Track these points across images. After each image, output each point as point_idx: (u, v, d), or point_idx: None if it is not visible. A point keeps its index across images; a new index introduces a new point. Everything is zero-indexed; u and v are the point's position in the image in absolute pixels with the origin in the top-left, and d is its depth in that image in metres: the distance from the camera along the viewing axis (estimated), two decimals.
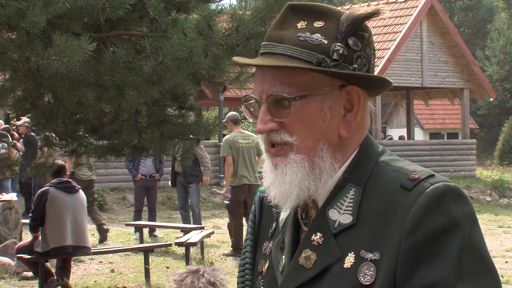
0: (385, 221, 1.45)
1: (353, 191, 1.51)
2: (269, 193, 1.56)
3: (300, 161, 1.51)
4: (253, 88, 1.57)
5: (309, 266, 1.50)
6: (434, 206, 1.42)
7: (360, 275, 1.44)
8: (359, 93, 1.54)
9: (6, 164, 6.78)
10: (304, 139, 1.51)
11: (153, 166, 12.33)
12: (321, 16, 1.53)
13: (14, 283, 8.88)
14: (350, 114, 1.54)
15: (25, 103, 6.43)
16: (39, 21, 4.54)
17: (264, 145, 1.57)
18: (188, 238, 9.90)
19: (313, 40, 1.51)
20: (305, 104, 1.50)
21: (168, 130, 6.24)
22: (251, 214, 1.77)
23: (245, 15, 5.49)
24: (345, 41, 1.51)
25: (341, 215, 1.50)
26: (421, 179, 1.46)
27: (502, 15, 48.44)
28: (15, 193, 11.93)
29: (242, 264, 1.73)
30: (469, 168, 23.68)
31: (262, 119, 1.53)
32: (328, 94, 1.52)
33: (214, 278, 3.13)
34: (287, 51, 1.51)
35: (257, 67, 1.57)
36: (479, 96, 24.61)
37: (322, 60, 1.49)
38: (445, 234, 1.40)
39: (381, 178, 1.51)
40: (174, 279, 3.12)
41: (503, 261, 11.12)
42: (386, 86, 1.57)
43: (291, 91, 1.50)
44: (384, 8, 1.55)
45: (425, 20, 22.73)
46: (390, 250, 1.42)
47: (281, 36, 1.54)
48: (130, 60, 5.28)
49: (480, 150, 34.39)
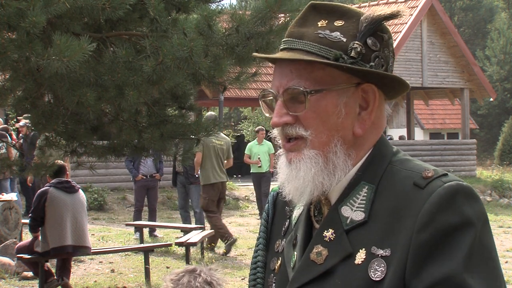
0: (397, 218, 1.46)
1: (366, 188, 1.53)
2: (284, 188, 1.58)
3: (314, 156, 1.53)
4: (271, 83, 1.59)
5: (320, 261, 1.51)
6: (446, 204, 1.43)
7: (371, 271, 1.45)
8: (375, 92, 1.55)
9: (5, 164, 6.78)
10: (318, 134, 1.53)
11: (154, 166, 12.34)
12: (342, 16, 1.56)
13: (14, 283, 8.87)
14: (365, 112, 1.55)
15: (25, 103, 6.43)
16: (39, 21, 4.54)
17: (280, 140, 1.58)
18: (188, 238, 9.90)
19: (332, 37, 1.53)
20: (321, 99, 1.52)
21: (168, 130, 6.23)
22: (264, 212, 1.78)
23: (245, 15, 5.49)
24: (364, 40, 1.53)
25: (353, 212, 1.52)
26: (434, 177, 1.48)
27: (502, 15, 48.43)
28: (15, 193, 11.93)
29: (254, 262, 1.74)
30: (469, 168, 23.67)
31: (278, 113, 1.55)
32: (344, 90, 1.53)
33: (210, 278, 3.13)
34: (306, 47, 1.53)
35: (275, 62, 1.59)
36: (479, 96, 24.61)
37: (340, 56, 1.51)
38: (457, 232, 1.41)
39: (394, 176, 1.52)
40: (171, 278, 3.12)
41: (503, 261, 11.13)
42: (403, 87, 1.59)
43: (307, 85, 1.52)
44: (405, 9, 1.57)
45: (425, 20, 22.73)
46: (401, 246, 1.43)
47: (301, 33, 1.56)
48: (130, 60, 5.28)
49: (480, 150, 34.39)
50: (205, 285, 3.09)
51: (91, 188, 15.94)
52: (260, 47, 5.40)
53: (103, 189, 16.48)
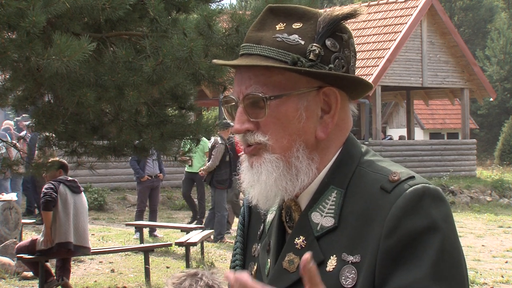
0: (366, 223, 1.44)
1: (335, 193, 1.51)
2: (248, 194, 1.56)
3: (275, 160, 1.50)
4: (233, 89, 1.57)
5: (293, 270, 1.50)
6: (412, 207, 1.41)
7: (342, 278, 1.44)
8: (336, 95, 1.52)
9: (6, 164, 6.78)
10: (278, 139, 1.50)
11: (157, 166, 12.43)
12: (300, 18, 1.52)
13: (14, 283, 8.88)
14: (327, 116, 1.52)
15: (25, 103, 6.44)
16: (39, 21, 4.54)
17: (242, 146, 1.56)
18: (188, 238, 9.90)
19: (290, 40, 1.50)
20: (280, 104, 1.49)
21: (168, 130, 6.23)
22: (240, 216, 1.77)
23: (245, 15, 5.49)
24: (322, 42, 1.50)
25: (323, 218, 1.50)
26: (401, 180, 1.46)
27: (502, 15, 48.42)
28: (15, 193, 11.93)
29: (232, 266, 1.73)
30: (469, 168, 23.66)
31: (239, 119, 1.53)
32: (305, 94, 1.50)
33: (212, 281, 3.13)
34: (264, 52, 1.50)
35: (235, 68, 1.57)
36: (479, 96, 24.60)
37: (297, 59, 1.48)
38: (423, 236, 1.40)
39: (362, 180, 1.50)
40: (173, 282, 3.11)
41: (503, 261, 11.11)
42: (366, 88, 1.56)
43: (266, 91, 1.49)
44: (362, 8, 1.52)
45: (425, 20, 22.72)
46: (370, 252, 1.42)
47: (259, 38, 1.52)
48: (130, 60, 5.27)
49: (480, 150, 34.37)
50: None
51: (91, 188, 15.95)
52: None
53: (103, 189, 16.48)
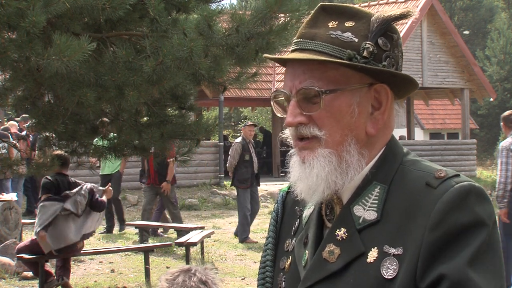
0: (409, 217, 1.47)
1: (378, 188, 1.54)
2: (295, 187, 1.59)
3: (328, 155, 1.54)
4: (283, 84, 1.60)
5: (333, 260, 1.52)
6: (458, 203, 1.45)
7: (383, 269, 1.46)
8: (387, 92, 1.57)
9: (6, 164, 6.78)
10: (332, 134, 1.54)
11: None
12: (352, 17, 1.57)
13: (14, 283, 8.88)
14: (377, 112, 1.57)
15: (25, 103, 6.43)
16: (39, 21, 4.54)
17: (292, 139, 1.59)
18: (188, 238, 9.89)
19: (344, 38, 1.54)
20: (335, 98, 1.53)
21: (168, 130, 6.23)
22: (273, 212, 1.79)
23: (245, 15, 5.48)
24: (375, 41, 1.55)
25: (365, 211, 1.53)
26: (447, 177, 1.50)
27: (502, 15, 48.40)
28: (15, 193, 11.93)
29: (263, 261, 1.75)
30: (469, 168, 23.67)
31: (292, 113, 1.56)
32: (357, 90, 1.55)
33: (205, 277, 3.13)
34: (319, 47, 1.55)
35: (287, 63, 1.60)
36: (479, 96, 24.61)
37: (353, 55, 1.52)
38: (468, 231, 1.43)
39: (406, 176, 1.54)
40: (166, 278, 3.12)
41: None
42: (413, 86, 1.61)
43: (321, 85, 1.53)
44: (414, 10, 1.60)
45: (425, 20, 22.72)
46: (413, 245, 1.45)
47: (313, 34, 1.57)
48: (130, 60, 5.27)
49: (480, 150, 34.38)
50: (200, 284, 3.09)
51: None
52: (260, 47, 5.39)
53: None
